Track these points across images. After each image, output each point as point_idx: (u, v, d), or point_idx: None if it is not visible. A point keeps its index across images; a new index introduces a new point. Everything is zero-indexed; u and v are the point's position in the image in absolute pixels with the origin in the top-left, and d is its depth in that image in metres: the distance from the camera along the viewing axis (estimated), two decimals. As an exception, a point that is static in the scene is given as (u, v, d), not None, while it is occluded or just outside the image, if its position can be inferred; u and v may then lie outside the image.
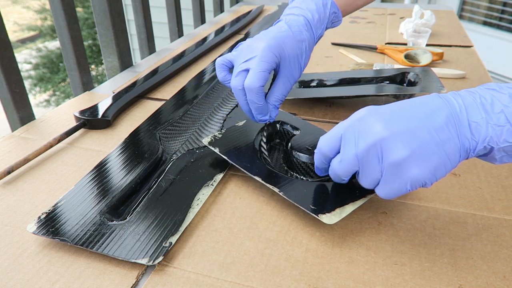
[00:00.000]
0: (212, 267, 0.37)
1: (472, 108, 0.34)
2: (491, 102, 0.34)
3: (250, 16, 1.23)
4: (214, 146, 0.51)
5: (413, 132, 0.34)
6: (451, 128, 0.34)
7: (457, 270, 0.37)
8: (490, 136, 0.33)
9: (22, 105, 0.65)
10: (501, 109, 0.33)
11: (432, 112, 0.35)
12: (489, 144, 0.34)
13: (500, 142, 0.33)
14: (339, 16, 0.55)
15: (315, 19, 0.52)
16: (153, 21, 1.01)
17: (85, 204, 0.43)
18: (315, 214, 0.40)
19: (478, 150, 0.34)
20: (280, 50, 0.48)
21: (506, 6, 3.06)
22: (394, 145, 0.34)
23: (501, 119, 0.33)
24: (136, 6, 0.96)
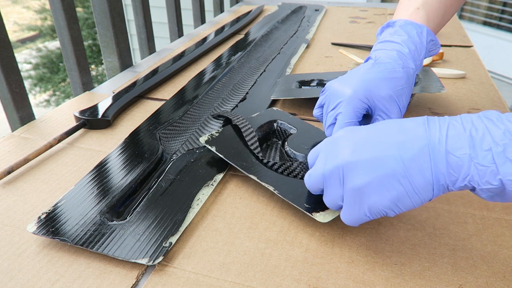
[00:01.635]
0: (212, 267, 0.37)
1: (456, 140, 0.31)
2: (482, 136, 0.31)
3: (250, 16, 1.24)
4: (211, 144, 0.51)
5: (379, 160, 0.33)
6: (423, 161, 0.32)
7: (457, 270, 0.37)
8: (471, 175, 0.31)
9: (22, 105, 0.65)
10: (489, 146, 0.30)
11: (407, 141, 0.33)
12: (470, 183, 0.31)
13: (482, 183, 0.31)
14: (437, 43, 0.50)
15: (411, 50, 0.46)
16: (153, 21, 1.01)
17: (85, 204, 0.43)
18: (309, 213, 0.40)
19: (458, 186, 0.32)
20: (368, 93, 0.43)
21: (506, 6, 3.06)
22: (356, 171, 0.34)
23: (487, 158, 0.30)
24: (136, 6, 0.96)
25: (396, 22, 0.50)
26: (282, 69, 0.82)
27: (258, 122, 0.56)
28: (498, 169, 0.30)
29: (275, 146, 0.54)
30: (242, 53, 0.91)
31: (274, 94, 0.69)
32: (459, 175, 0.31)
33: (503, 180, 0.30)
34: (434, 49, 0.51)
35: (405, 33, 0.48)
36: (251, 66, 0.83)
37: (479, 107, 0.66)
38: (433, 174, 0.32)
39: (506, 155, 0.30)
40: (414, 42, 0.47)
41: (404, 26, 0.49)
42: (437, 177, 0.32)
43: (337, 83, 0.46)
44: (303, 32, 1.08)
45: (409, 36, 0.47)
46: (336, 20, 1.24)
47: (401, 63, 0.46)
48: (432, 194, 0.33)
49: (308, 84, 0.72)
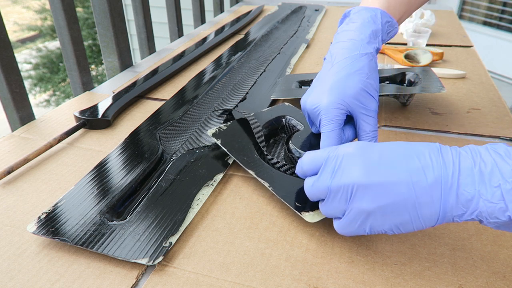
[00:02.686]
0: (212, 267, 0.37)
1: (467, 175, 0.31)
2: (490, 172, 0.31)
3: (250, 16, 1.24)
4: (217, 137, 0.52)
5: (392, 186, 0.33)
6: (435, 192, 0.32)
7: (457, 270, 0.37)
8: (479, 211, 0.31)
9: (22, 105, 0.65)
10: (499, 183, 0.30)
11: (421, 169, 0.33)
12: (477, 217, 0.31)
13: (490, 217, 0.31)
14: (393, 24, 0.50)
15: (367, 35, 0.46)
16: (153, 21, 1.01)
17: (85, 204, 0.43)
18: (298, 211, 0.40)
19: (465, 219, 0.32)
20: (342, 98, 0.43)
21: (506, 6, 3.06)
22: (367, 194, 0.33)
23: (496, 195, 0.30)
24: (136, 6, 0.96)
25: (351, 10, 0.51)
26: (282, 69, 0.82)
27: (268, 117, 0.57)
28: (507, 206, 0.30)
29: (282, 142, 0.55)
30: (242, 53, 0.91)
31: (274, 94, 0.69)
32: (467, 210, 0.31)
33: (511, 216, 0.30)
34: (392, 30, 0.50)
35: (358, 19, 0.48)
36: (251, 66, 0.83)
37: (479, 107, 0.66)
38: (442, 207, 0.32)
39: None
40: (369, 26, 0.47)
41: (357, 12, 0.49)
42: (444, 210, 0.32)
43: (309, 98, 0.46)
44: (303, 32, 1.08)
45: (363, 21, 0.48)
46: (336, 20, 1.24)
47: (357, 52, 0.45)
48: (436, 223, 0.33)
49: (308, 84, 0.72)
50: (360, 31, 0.47)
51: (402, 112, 0.65)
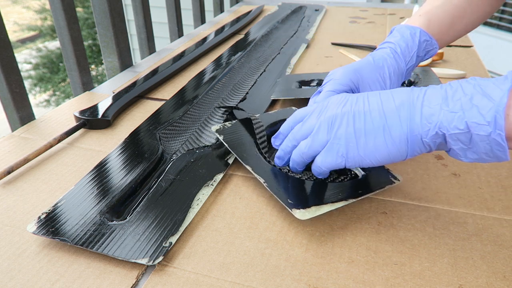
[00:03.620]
0: (212, 267, 0.37)
1: (431, 95, 0.35)
2: (454, 91, 0.34)
3: (250, 16, 1.24)
4: (220, 133, 0.52)
5: (366, 112, 0.38)
6: (402, 113, 0.36)
7: (457, 270, 0.37)
8: (441, 121, 0.34)
9: (22, 105, 0.65)
10: (459, 97, 0.34)
11: (391, 95, 0.38)
12: (440, 129, 0.34)
13: (450, 128, 0.34)
14: (433, 43, 0.53)
15: (402, 48, 0.50)
16: (153, 21, 1.01)
17: (85, 204, 0.43)
18: (289, 208, 0.40)
19: (431, 136, 0.35)
20: (356, 76, 0.47)
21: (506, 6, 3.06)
22: (343, 121, 0.39)
23: (456, 106, 0.33)
24: (136, 6, 0.96)
25: (395, 27, 0.54)
26: (282, 69, 0.82)
27: (272, 119, 0.57)
28: (464, 113, 0.33)
29: None
30: (242, 53, 0.91)
31: (274, 94, 0.69)
32: (431, 124, 0.35)
33: (468, 123, 0.33)
34: (431, 49, 0.53)
35: (399, 34, 0.52)
36: (251, 66, 0.83)
37: (479, 107, 0.66)
38: (409, 125, 0.36)
39: (472, 102, 0.33)
40: (406, 41, 0.51)
41: (399, 29, 0.53)
42: (411, 128, 0.36)
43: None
44: (303, 32, 1.08)
45: (402, 36, 0.51)
46: (336, 20, 1.24)
47: (392, 56, 0.50)
48: (407, 146, 0.36)
49: (308, 84, 0.72)
50: (398, 44, 0.51)
51: (402, 112, 0.65)
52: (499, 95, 0.32)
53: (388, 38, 0.53)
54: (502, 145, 0.32)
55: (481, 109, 0.32)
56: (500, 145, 0.32)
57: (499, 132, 0.32)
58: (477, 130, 0.32)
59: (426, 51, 0.53)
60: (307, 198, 0.42)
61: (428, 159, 0.53)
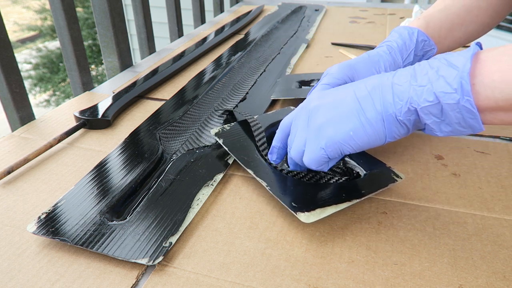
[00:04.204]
0: (212, 267, 0.37)
1: (401, 75, 0.36)
2: (422, 67, 0.35)
3: (250, 16, 1.24)
4: (220, 137, 0.52)
5: (339, 101, 0.39)
6: (375, 95, 0.37)
7: (457, 270, 0.37)
8: (411, 97, 0.34)
9: (22, 105, 0.65)
10: (426, 71, 0.34)
11: (363, 84, 0.38)
12: (412, 105, 0.34)
13: (420, 101, 0.34)
14: (430, 44, 0.53)
15: (399, 45, 0.51)
16: (153, 21, 1.01)
17: (85, 204, 0.43)
18: (294, 211, 0.40)
19: (404, 113, 0.35)
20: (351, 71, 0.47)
21: (506, 6, 3.06)
22: (318, 112, 0.39)
23: (424, 80, 0.34)
24: (136, 6, 0.96)
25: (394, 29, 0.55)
26: (282, 69, 0.82)
27: (271, 120, 0.57)
28: (432, 85, 0.33)
29: None
30: (242, 53, 0.91)
31: (274, 94, 0.69)
32: (403, 101, 0.35)
33: (436, 93, 0.33)
34: (429, 49, 0.54)
35: (396, 33, 0.53)
36: (251, 66, 0.83)
37: (479, 107, 0.66)
38: (382, 105, 0.36)
39: (439, 74, 0.33)
40: (403, 39, 0.51)
41: (397, 29, 0.54)
42: (385, 107, 0.36)
43: None
44: (303, 32, 1.08)
45: (400, 35, 0.52)
46: (336, 20, 1.24)
47: (388, 52, 0.50)
48: (384, 126, 0.36)
49: (308, 84, 0.72)
50: (396, 42, 0.51)
51: (402, 112, 0.65)
52: (462, 62, 0.32)
53: (387, 38, 0.54)
54: (473, 111, 0.32)
55: (447, 78, 0.33)
56: (471, 112, 0.32)
57: (467, 98, 0.32)
58: (446, 99, 0.33)
59: (424, 51, 0.53)
60: (311, 201, 0.42)
61: (428, 159, 0.53)
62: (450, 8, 0.54)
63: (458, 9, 0.54)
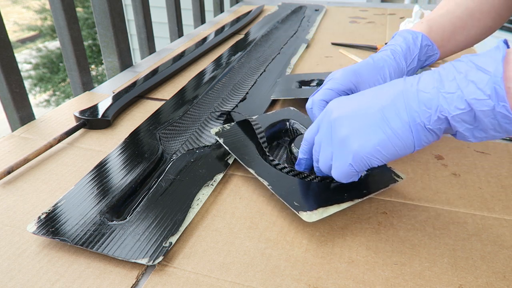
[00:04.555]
0: (212, 267, 0.37)
1: (425, 80, 0.34)
2: (448, 71, 0.33)
3: (250, 16, 1.24)
4: (220, 136, 0.52)
5: (361, 111, 0.37)
6: (399, 104, 0.35)
7: (457, 270, 0.37)
8: (440, 105, 0.33)
9: (22, 105, 0.65)
10: (454, 76, 0.33)
11: (385, 92, 0.36)
12: (442, 113, 0.33)
13: (451, 110, 0.32)
14: (434, 49, 0.53)
15: (403, 49, 0.50)
16: (153, 21, 1.01)
17: (85, 204, 0.43)
18: (296, 211, 0.40)
19: (433, 122, 0.33)
20: (355, 77, 0.46)
21: (506, 6, 3.06)
22: (341, 124, 0.37)
23: (452, 86, 0.32)
24: (136, 6, 0.96)
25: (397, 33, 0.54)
26: (282, 69, 0.82)
27: (271, 120, 0.57)
28: (462, 92, 0.31)
29: (284, 145, 0.55)
30: (242, 53, 0.91)
31: (274, 94, 0.69)
32: (431, 110, 0.33)
33: (468, 101, 0.31)
34: (432, 54, 0.53)
35: (400, 37, 0.52)
36: (251, 66, 0.83)
37: (479, 107, 0.66)
38: (408, 114, 0.34)
39: (468, 79, 0.31)
40: (407, 43, 0.51)
41: (401, 33, 0.53)
42: (412, 116, 0.34)
43: None
44: (303, 32, 1.08)
45: (404, 39, 0.51)
46: (336, 20, 1.24)
47: (392, 57, 0.49)
48: (412, 136, 0.35)
49: (308, 84, 0.72)
50: (400, 46, 0.51)
51: (402, 112, 0.65)
52: (493, 66, 0.30)
53: (390, 41, 0.53)
54: (509, 117, 0.30)
55: (478, 83, 0.31)
56: (507, 117, 0.30)
57: (503, 104, 0.30)
58: (479, 106, 0.31)
59: (427, 55, 0.53)
60: (313, 200, 0.42)
61: (428, 159, 0.53)
62: (453, 12, 0.54)
63: (461, 13, 0.54)
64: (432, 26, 0.53)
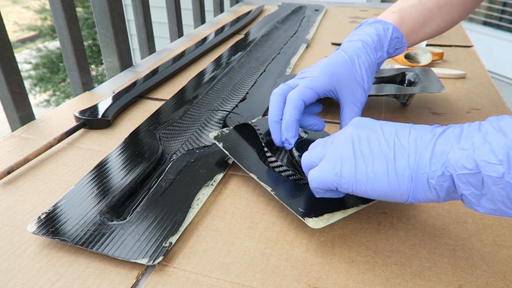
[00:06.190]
0: (212, 267, 0.37)
1: (449, 133, 0.32)
2: (472, 128, 0.31)
3: (250, 16, 1.24)
4: (219, 140, 0.51)
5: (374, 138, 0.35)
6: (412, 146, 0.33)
7: (457, 270, 0.37)
8: (448, 160, 0.30)
9: (22, 105, 0.65)
10: (474, 133, 0.30)
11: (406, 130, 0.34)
12: (447, 169, 0.30)
13: (458, 167, 0.29)
14: (402, 41, 0.53)
15: (374, 41, 0.50)
16: (153, 21, 1.01)
17: (85, 204, 0.43)
18: (302, 217, 0.39)
19: (437, 177, 0.31)
20: (335, 77, 0.46)
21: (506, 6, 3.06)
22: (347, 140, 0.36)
23: (468, 143, 0.30)
24: (136, 6, 0.96)
25: (367, 21, 0.54)
26: (282, 69, 0.82)
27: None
28: (474, 151, 0.29)
29: (285, 149, 0.54)
30: (242, 53, 0.91)
31: (274, 94, 0.69)
32: (439, 163, 0.31)
33: (477, 161, 0.28)
34: (400, 47, 0.53)
35: (371, 28, 0.52)
36: (251, 66, 0.83)
37: (479, 107, 0.66)
38: (417, 160, 0.32)
39: (486, 139, 0.29)
40: (378, 35, 0.51)
41: (372, 23, 0.53)
42: (419, 164, 0.32)
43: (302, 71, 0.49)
44: (303, 32, 1.08)
45: (375, 29, 0.51)
46: (336, 20, 1.24)
47: (364, 51, 0.49)
48: (411, 183, 0.32)
49: (308, 84, 0.72)
50: (371, 37, 0.50)
51: (402, 112, 0.65)
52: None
53: (360, 30, 0.52)
54: None
55: (493, 145, 0.28)
56: None
57: None
58: (487, 171, 0.28)
59: (395, 48, 0.53)
60: (318, 206, 0.41)
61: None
62: (424, 4, 0.54)
63: (431, 5, 0.54)
64: (404, 18, 0.53)
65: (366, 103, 0.50)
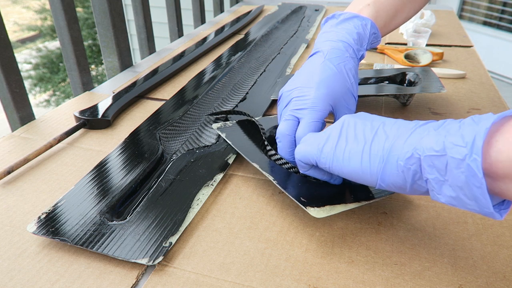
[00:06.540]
0: (212, 267, 0.37)
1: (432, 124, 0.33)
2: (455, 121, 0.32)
3: (250, 16, 1.24)
4: (222, 131, 0.52)
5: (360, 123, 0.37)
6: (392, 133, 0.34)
7: (457, 270, 0.37)
8: (420, 143, 0.31)
9: (22, 105, 0.65)
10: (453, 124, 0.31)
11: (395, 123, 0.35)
12: (416, 151, 0.31)
13: (426, 148, 0.30)
14: (378, 36, 0.53)
15: (355, 41, 0.49)
16: (153, 21, 1.01)
17: (85, 204, 0.43)
18: (304, 206, 0.40)
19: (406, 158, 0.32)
20: (331, 97, 0.46)
21: (506, 6, 3.06)
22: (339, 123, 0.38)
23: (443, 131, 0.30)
24: (136, 6, 0.96)
25: (342, 14, 0.53)
26: (282, 69, 0.82)
27: (273, 122, 0.57)
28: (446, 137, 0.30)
29: None
30: (242, 53, 0.91)
31: (274, 94, 0.69)
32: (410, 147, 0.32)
33: (446, 143, 0.29)
34: (376, 41, 0.54)
35: (349, 24, 0.51)
36: (251, 66, 0.83)
37: (479, 107, 0.66)
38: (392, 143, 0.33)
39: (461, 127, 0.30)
40: (358, 33, 0.50)
41: (349, 18, 0.52)
42: (393, 147, 0.33)
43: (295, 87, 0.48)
44: (303, 32, 1.08)
45: (354, 27, 0.51)
46: (336, 20, 1.24)
47: (347, 54, 0.49)
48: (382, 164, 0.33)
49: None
50: (351, 36, 0.50)
51: (402, 112, 0.65)
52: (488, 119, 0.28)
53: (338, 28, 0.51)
54: (478, 176, 0.27)
55: (464, 131, 0.29)
56: (476, 176, 0.27)
57: (475, 156, 0.27)
58: (452, 153, 0.28)
59: (372, 43, 0.53)
60: (319, 197, 0.41)
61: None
62: None
63: None
64: (379, 11, 0.53)
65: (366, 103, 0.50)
